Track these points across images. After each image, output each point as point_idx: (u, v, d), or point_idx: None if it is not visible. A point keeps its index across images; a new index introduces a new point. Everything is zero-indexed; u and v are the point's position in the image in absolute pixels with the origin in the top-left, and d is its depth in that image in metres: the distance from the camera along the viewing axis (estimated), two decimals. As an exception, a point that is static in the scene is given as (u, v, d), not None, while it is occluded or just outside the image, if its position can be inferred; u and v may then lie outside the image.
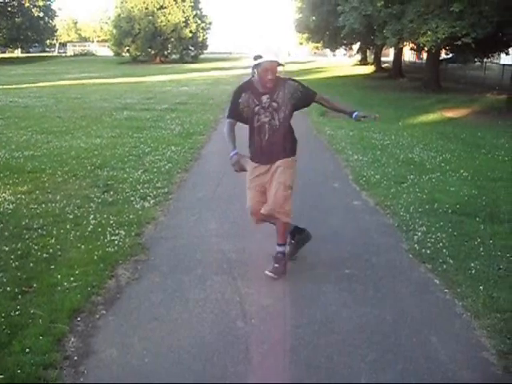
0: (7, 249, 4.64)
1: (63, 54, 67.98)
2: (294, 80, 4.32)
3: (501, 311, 3.70)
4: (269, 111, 4.17)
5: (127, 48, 52.53)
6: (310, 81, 21.39)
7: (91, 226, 5.26)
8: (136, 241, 4.99)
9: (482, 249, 4.83)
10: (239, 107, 4.24)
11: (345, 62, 47.45)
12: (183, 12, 51.53)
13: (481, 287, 4.04)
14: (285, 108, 4.18)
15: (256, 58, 4.04)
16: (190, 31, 51.96)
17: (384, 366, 3.12)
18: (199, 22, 53.75)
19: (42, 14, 56.50)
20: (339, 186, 7.29)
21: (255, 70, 4.12)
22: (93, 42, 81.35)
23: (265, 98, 4.16)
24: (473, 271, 4.35)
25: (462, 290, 4.03)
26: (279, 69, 4.13)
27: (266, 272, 4.30)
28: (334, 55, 57.23)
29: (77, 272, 4.18)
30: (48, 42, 62.64)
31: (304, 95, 4.25)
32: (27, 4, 53.19)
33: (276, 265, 4.32)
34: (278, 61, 4.05)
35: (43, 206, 5.91)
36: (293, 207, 4.33)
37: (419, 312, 3.78)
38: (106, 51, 63.35)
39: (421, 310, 3.82)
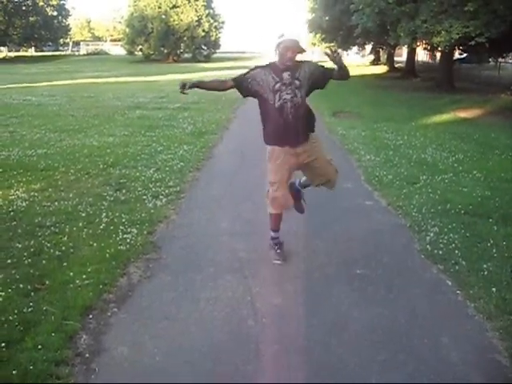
0: (20, 246, 4.68)
1: (76, 53, 68.21)
2: (312, 61, 4.50)
3: (514, 313, 3.67)
4: (290, 88, 4.22)
5: (140, 47, 52.74)
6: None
7: (103, 224, 5.29)
8: (148, 239, 5.01)
9: (494, 250, 4.79)
10: (248, 77, 4.38)
11: (358, 62, 47.28)
12: (196, 11, 51.60)
13: (493, 289, 4.01)
14: (306, 85, 4.29)
15: (279, 36, 4.18)
16: (203, 30, 52.03)
17: (395, 366, 3.11)
18: (212, 21, 53.78)
19: (55, 13, 56.97)
20: (351, 186, 7.25)
21: (277, 50, 4.22)
22: (106, 41, 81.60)
23: (286, 75, 4.22)
24: (485, 273, 4.32)
25: (475, 292, 4.01)
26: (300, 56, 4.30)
27: (274, 261, 4.55)
28: (348, 55, 57.11)
29: (89, 270, 4.21)
30: (61, 40, 62.84)
31: (323, 71, 4.35)
32: (41, 3, 53.58)
33: (278, 250, 4.60)
34: (299, 43, 4.17)
35: (56, 203, 5.95)
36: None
37: (431, 313, 3.76)
38: (118, 50, 63.48)
39: (432, 310, 3.80)
